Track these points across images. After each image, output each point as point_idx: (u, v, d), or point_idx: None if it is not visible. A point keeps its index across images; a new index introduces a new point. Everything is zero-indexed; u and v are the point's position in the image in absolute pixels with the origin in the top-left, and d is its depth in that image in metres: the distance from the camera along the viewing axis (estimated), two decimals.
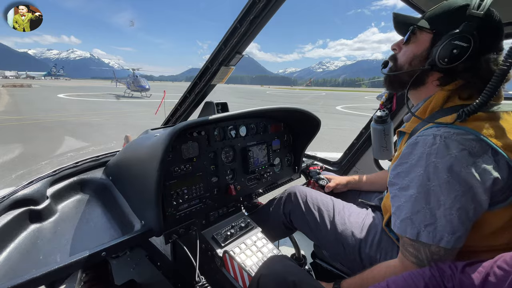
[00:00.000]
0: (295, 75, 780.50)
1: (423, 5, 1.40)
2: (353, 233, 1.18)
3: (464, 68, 0.82)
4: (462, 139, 0.73)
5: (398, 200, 0.84)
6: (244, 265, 1.19)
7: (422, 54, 0.89)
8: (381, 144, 1.77)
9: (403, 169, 0.82)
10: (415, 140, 0.80)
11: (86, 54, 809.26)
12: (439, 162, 0.73)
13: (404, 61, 0.94)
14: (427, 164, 0.75)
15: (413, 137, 0.82)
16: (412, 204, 0.79)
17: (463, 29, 0.78)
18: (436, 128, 0.78)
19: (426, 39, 0.89)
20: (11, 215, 1.10)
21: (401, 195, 0.83)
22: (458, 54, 0.79)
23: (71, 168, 1.37)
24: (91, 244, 1.05)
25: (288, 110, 1.60)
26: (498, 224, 0.77)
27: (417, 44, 0.91)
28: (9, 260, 0.99)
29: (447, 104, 0.86)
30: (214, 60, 1.35)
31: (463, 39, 0.78)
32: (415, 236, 0.78)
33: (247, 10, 1.15)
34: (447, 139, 0.74)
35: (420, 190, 0.77)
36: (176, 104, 1.67)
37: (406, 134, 0.97)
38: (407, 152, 0.81)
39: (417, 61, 0.91)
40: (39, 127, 9.68)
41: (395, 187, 0.86)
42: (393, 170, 0.87)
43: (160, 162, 1.01)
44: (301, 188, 1.46)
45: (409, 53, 0.93)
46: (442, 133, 0.75)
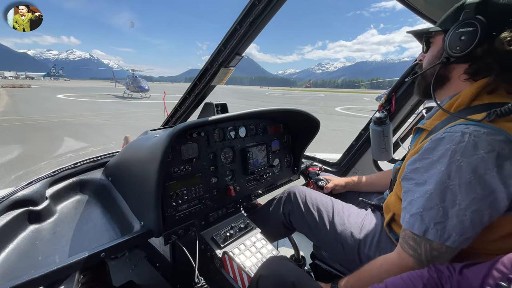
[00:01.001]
0: (294, 76, 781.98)
1: (422, 7, 1.41)
2: (352, 233, 1.18)
3: (484, 51, 0.81)
4: (492, 139, 0.70)
5: (412, 194, 0.83)
6: (243, 266, 1.19)
7: (438, 52, 0.93)
8: (380, 145, 1.78)
9: (423, 164, 0.81)
10: (441, 136, 0.78)
11: (85, 55, 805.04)
12: (464, 161, 0.71)
13: (426, 64, 1.00)
14: (450, 161, 0.73)
15: (439, 133, 0.79)
16: (425, 200, 0.78)
17: (463, 17, 0.82)
18: (464, 126, 0.75)
19: (439, 40, 0.94)
20: (10, 216, 1.09)
21: (415, 190, 0.82)
22: (467, 39, 0.80)
23: (71, 169, 1.37)
24: (90, 245, 1.05)
25: (288, 111, 1.60)
26: (510, 229, 0.76)
27: (433, 47, 0.97)
28: (7, 261, 0.99)
29: (474, 102, 0.84)
30: (214, 61, 1.36)
31: (466, 25, 0.81)
32: (422, 232, 0.78)
33: (247, 12, 1.16)
34: (476, 138, 0.71)
35: (437, 187, 0.75)
36: (176, 105, 1.67)
37: (424, 131, 0.96)
38: (429, 147, 0.79)
39: (435, 59, 0.94)
40: (38, 128, 9.66)
41: (410, 181, 0.85)
42: (411, 164, 0.86)
43: (159, 162, 1.01)
44: (301, 188, 1.46)
45: (429, 56, 0.98)
46: (471, 131, 0.72)
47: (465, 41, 0.81)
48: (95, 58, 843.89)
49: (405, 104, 1.83)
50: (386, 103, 1.83)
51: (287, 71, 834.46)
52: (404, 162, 0.95)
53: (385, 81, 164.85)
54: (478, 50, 0.81)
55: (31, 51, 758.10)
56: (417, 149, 0.87)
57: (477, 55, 0.82)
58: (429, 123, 0.94)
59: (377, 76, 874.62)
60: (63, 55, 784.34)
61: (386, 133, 1.74)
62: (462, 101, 0.85)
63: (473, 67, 0.85)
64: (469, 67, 0.86)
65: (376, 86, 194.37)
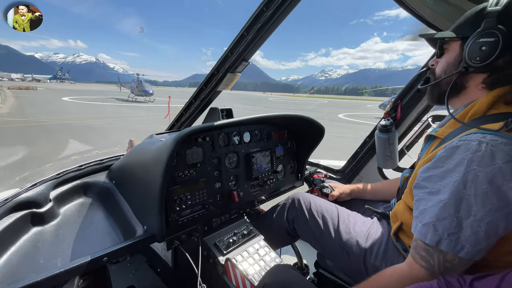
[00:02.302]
0: (299, 82, 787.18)
1: (429, 16, 1.41)
2: (358, 242, 1.16)
3: (505, 63, 0.80)
4: (510, 149, 0.69)
5: (425, 203, 0.81)
6: (246, 273, 1.17)
7: (455, 60, 0.90)
8: (386, 153, 1.76)
9: (437, 173, 0.79)
10: (456, 144, 0.76)
11: (91, 59, 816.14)
12: (481, 171, 0.69)
13: (440, 71, 0.96)
14: (466, 171, 0.71)
15: (454, 141, 0.77)
16: (439, 209, 0.76)
17: (484, 27, 0.79)
18: (481, 134, 0.73)
19: (456, 47, 0.91)
20: (13, 218, 1.09)
21: (428, 199, 0.80)
22: (488, 50, 0.78)
23: (75, 171, 1.37)
24: (92, 248, 1.04)
25: (292, 117, 1.60)
26: None
27: (449, 53, 0.94)
28: (9, 263, 0.98)
29: (490, 110, 0.83)
30: (221, 66, 1.37)
31: (487, 35, 0.78)
32: (435, 243, 0.76)
33: (254, 19, 1.17)
34: (494, 147, 0.70)
35: (451, 197, 0.73)
36: (181, 110, 1.68)
37: (436, 139, 0.94)
38: (444, 155, 0.78)
39: (452, 68, 0.91)
40: (42, 130, 9.75)
41: (423, 190, 0.83)
42: (423, 172, 0.84)
43: (165, 166, 1.01)
44: (305, 195, 1.45)
45: (444, 63, 0.95)
46: (488, 140, 0.71)
47: (486, 51, 0.79)
48: (101, 62, 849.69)
49: (410, 112, 1.82)
50: (391, 110, 1.82)
51: (291, 77, 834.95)
52: (415, 170, 0.94)
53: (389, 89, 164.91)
54: (499, 61, 0.80)
55: (38, 54, 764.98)
56: (429, 157, 0.85)
57: (498, 66, 0.81)
58: (442, 130, 0.92)
59: (380, 83, 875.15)
60: (70, 58, 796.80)
61: (391, 141, 1.73)
62: (478, 110, 0.84)
63: (492, 77, 0.84)
64: (488, 77, 0.85)
65: (380, 94, 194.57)
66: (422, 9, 1.36)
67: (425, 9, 1.36)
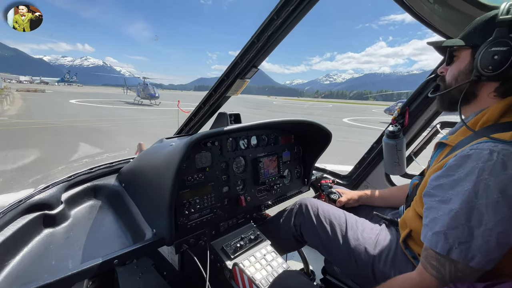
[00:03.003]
0: (306, 88, 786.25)
1: (437, 23, 1.41)
2: (366, 249, 1.15)
3: None
4: None
5: (435, 212, 0.81)
6: (254, 278, 1.17)
7: (466, 68, 0.90)
8: (393, 159, 1.76)
9: (448, 181, 0.79)
10: (467, 152, 0.76)
11: (99, 62, 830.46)
12: (492, 181, 0.70)
13: (451, 78, 0.96)
14: (477, 180, 0.72)
15: (465, 149, 0.78)
16: (450, 218, 0.76)
17: (496, 36, 0.79)
18: (493, 144, 0.74)
19: (466, 55, 0.91)
20: (26, 219, 1.11)
21: (439, 208, 0.80)
22: (501, 59, 0.78)
23: (86, 174, 1.39)
24: (102, 251, 1.05)
25: (299, 122, 1.61)
26: None
27: (459, 61, 0.93)
28: (21, 264, 1.00)
29: (502, 119, 0.83)
30: (230, 72, 1.39)
31: (500, 44, 0.78)
32: (445, 251, 0.76)
33: (265, 26, 1.19)
34: (505, 156, 0.70)
35: (463, 206, 0.74)
36: (190, 114, 1.70)
37: (447, 147, 0.94)
38: (455, 164, 0.78)
39: (463, 76, 0.91)
40: (49, 132, 9.88)
41: (433, 198, 0.83)
42: (434, 180, 0.84)
43: (176, 170, 1.02)
44: (312, 201, 1.45)
45: (454, 71, 0.95)
46: (500, 149, 0.71)
47: (498, 60, 0.79)
48: (108, 65, 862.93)
49: (418, 118, 1.82)
50: (399, 116, 1.82)
51: (295, 82, 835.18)
52: (425, 177, 0.93)
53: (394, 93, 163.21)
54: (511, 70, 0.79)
55: (47, 57, 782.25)
56: (440, 165, 0.85)
57: (510, 75, 0.81)
58: (453, 138, 0.92)
59: (385, 88, 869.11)
60: (78, 61, 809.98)
61: (399, 147, 1.72)
62: (489, 118, 0.84)
63: (504, 86, 0.84)
64: (500, 86, 0.85)
65: (385, 98, 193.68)
66: (431, 16, 1.37)
67: (434, 16, 1.36)
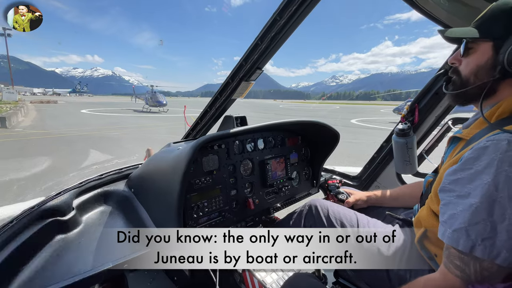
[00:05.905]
0: (312, 89, 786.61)
1: (444, 17, 1.38)
2: (380, 250, 1.12)
3: None
4: None
5: (454, 208, 0.77)
6: (264, 282, 1.15)
7: (487, 63, 0.84)
8: (404, 158, 1.71)
9: (465, 175, 0.76)
10: (485, 144, 0.73)
11: (108, 72, 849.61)
12: None
13: (468, 73, 0.89)
14: (497, 172, 0.69)
15: (481, 141, 0.75)
16: (471, 214, 0.72)
17: None
18: (510, 134, 0.71)
19: (487, 48, 0.84)
20: (39, 225, 1.13)
21: (458, 203, 0.76)
22: None
23: (96, 180, 1.42)
24: (112, 256, 1.06)
25: (307, 123, 1.59)
26: None
27: (477, 54, 0.87)
28: (34, 269, 1.02)
29: None
30: (235, 75, 1.39)
31: None
32: (468, 249, 0.72)
33: (268, 28, 1.19)
34: None
35: (483, 200, 0.70)
36: (197, 118, 1.72)
37: (461, 141, 0.91)
38: (472, 157, 0.75)
39: (484, 72, 0.85)
40: (63, 141, 10.16)
41: (451, 193, 0.80)
42: (450, 175, 0.81)
43: (183, 173, 1.02)
44: (322, 202, 1.42)
45: (472, 65, 0.88)
46: None
47: None
48: (117, 75, 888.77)
49: (429, 115, 1.77)
50: (408, 114, 1.78)
51: (301, 84, 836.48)
52: (439, 173, 0.90)
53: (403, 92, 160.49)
54: None
55: (59, 69, 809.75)
56: (455, 159, 0.82)
57: None
58: (467, 132, 0.89)
59: (393, 87, 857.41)
60: (88, 72, 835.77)
61: (410, 145, 1.68)
62: (505, 109, 0.81)
63: None
64: None
65: (393, 98, 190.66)
66: (437, 10, 1.34)
67: (440, 11, 1.34)
